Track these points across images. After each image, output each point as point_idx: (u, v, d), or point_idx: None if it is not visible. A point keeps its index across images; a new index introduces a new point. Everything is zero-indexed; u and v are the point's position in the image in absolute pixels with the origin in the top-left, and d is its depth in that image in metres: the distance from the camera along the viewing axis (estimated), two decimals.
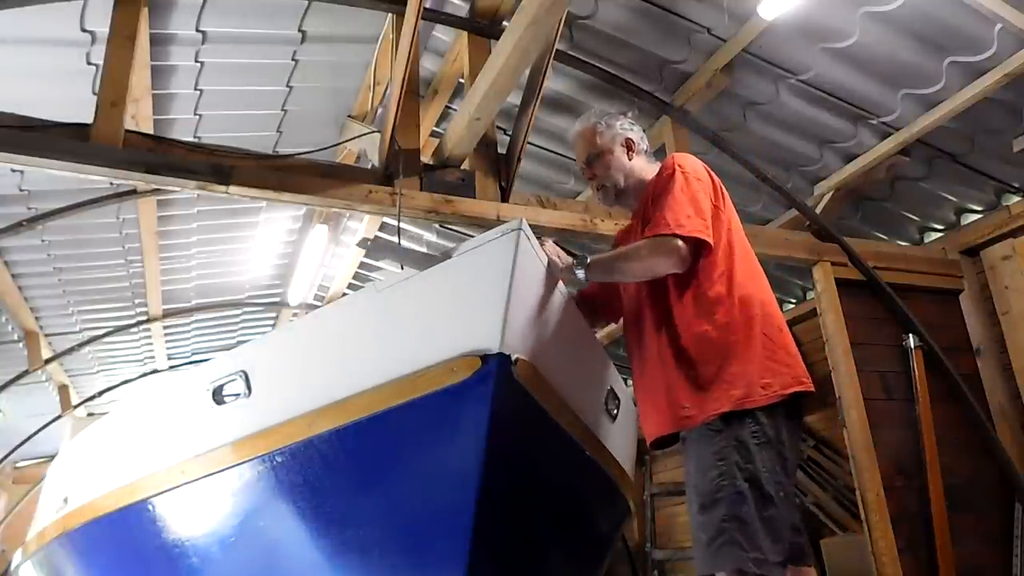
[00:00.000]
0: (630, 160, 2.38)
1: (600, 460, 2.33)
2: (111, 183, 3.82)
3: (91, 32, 3.52)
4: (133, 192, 4.60)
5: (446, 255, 1.98)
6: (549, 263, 2.03)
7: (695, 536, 1.98)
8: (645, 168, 2.39)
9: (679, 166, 2.20)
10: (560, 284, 2.09)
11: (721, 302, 2.09)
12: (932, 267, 4.22)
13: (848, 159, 4.22)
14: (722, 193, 2.24)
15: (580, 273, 2.08)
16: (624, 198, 2.41)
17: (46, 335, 6.65)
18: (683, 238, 2.04)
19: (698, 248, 2.09)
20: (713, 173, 2.27)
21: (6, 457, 7.76)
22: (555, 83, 4.04)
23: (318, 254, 5.99)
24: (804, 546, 2.10)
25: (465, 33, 3.70)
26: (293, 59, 4.14)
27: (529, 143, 3.64)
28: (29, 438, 7.54)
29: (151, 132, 3.77)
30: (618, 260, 2.16)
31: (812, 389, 2.09)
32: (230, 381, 2.24)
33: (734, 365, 2.02)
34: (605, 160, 2.38)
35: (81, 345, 6.84)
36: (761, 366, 2.02)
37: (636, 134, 2.43)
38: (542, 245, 2.03)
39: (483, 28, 3.69)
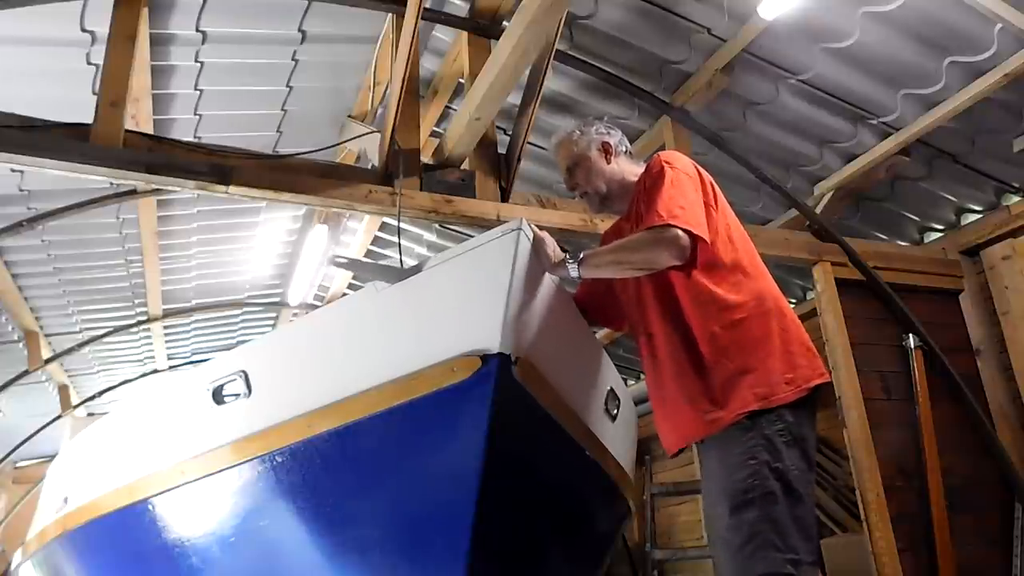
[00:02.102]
0: (608, 164, 2.36)
1: (600, 460, 2.32)
2: (111, 183, 3.81)
3: (91, 32, 3.51)
4: (133, 192, 4.60)
5: (417, 268, 1.98)
6: (542, 256, 1.99)
7: (724, 539, 1.93)
8: (628, 170, 2.36)
9: (667, 162, 2.16)
10: (560, 284, 2.09)
11: (733, 300, 2.06)
12: (932, 267, 4.22)
13: (848, 159, 4.22)
14: (714, 190, 2.21)
15: (573, 269, 2.03)
16: (610, 202, 2.38)
17: (46, 335, 6.65)
18: (680, 229, 1.99)
19: (694, 243, 2.04)
20: (703, 171, 2.23)
21: (6, 457, 7.75)
22: (555, 83, 4.03)
23: (318, 254, 5.99)
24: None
25: (465, 33, 3.70)
26: (293, 59, 4.14)
27: (529, 143, 3.64)
28: (29, 438, 7.53)
29: (151, 132, 3.77)
30: (614, 253, 2.10)
31: (830, 379, 2.08)
32: (230, 381, 2.24)
33: (755, 362, 1.99)
34: (584, 167, 2.36)
35: (81, 345, 6.84)
36: (782, 361, 2.00)
37: (613, 138, 2.39)
38: (541, 243, 2.00)
39: (483, 28, 3.69)
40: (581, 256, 2.04)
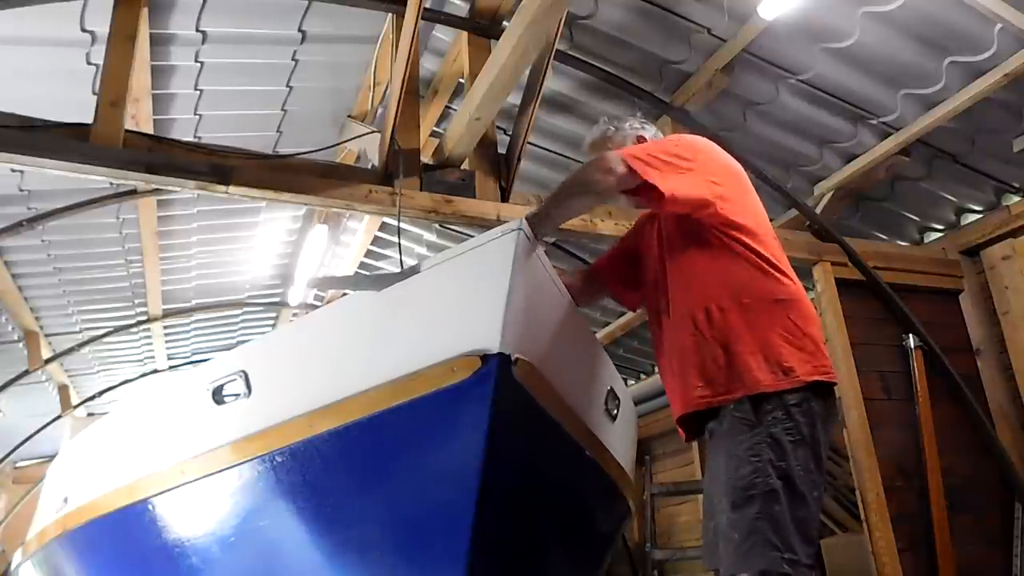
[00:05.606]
0: None
1: (600, 460, 2.32)
2: (111, 183, 3.81)
3: (91, 32, 3.51)
4: (133, 192, 4.60)
5: (413, 270, 1.98)
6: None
7: (725, 535, 1.93)
8: None
9: (682, 135, 2.24)
10: (560, 284, 2.09)
11: (749, 283, 2.07)
12: (932, 267, 4.23)
13: (848, 159, 4.22)
14: (737, 175, 2.21)
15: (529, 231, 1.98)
16: None
17: (46, 335, 6.65)
18: (621, 158, 1.99)
19: (650, 192, 1.99)
20: (730, 158, 2.25)
21: (6, 457, 7.75)
22: (555, 83, 4.03)
23: (318, 254, 5.99)
24: None
25: (465, 33, 3.70)
26: (293, 59, 4.14)
27: (529, 143, 3.65)
28: (29, 438, 7.54)
29: (151, 132, 3.78)
30: (551, 197, 2.09)
31: (836, 381, 2.07)
32: (230, 381, 2.24)
33: (752, 346, 1.99)
34: None
35: (81, 345, 6.84)
36: (785, 351, 1.99)
37: (648, 131, 2.44)
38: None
39: (483, 28, 3.69)
40: (529, 217, 1.96)
